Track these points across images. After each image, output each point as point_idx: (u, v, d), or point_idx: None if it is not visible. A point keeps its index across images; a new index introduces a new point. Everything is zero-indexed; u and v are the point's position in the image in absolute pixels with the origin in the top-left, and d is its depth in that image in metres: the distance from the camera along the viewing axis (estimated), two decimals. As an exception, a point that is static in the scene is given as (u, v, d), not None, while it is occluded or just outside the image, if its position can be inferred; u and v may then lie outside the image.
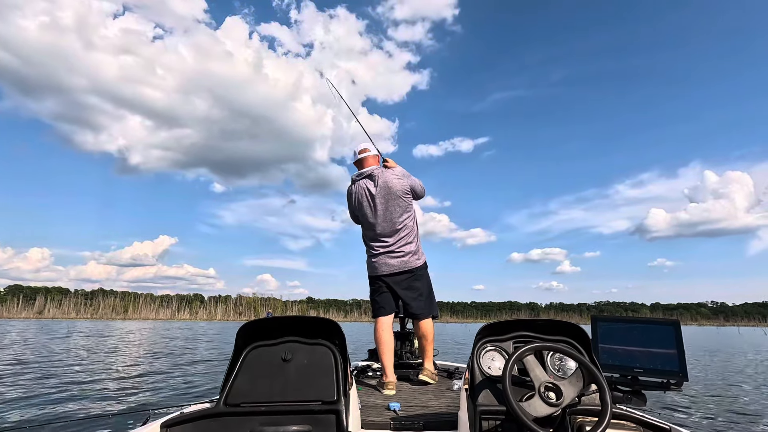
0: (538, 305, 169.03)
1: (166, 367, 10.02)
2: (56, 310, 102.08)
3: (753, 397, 6.68)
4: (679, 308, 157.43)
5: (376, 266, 3.12)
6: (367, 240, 3.23)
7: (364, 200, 3.14)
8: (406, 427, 2.02)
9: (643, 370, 1.66)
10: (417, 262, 3.13)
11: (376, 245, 3.14)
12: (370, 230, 3.16)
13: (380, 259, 3.10)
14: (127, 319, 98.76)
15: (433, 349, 3.16)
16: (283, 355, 1.58)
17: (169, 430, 1.47)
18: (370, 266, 3.18)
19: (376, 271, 3.13)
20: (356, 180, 3.23)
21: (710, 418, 5.05)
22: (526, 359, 1.48)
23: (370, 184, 3.12)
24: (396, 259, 3.07)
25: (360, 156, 3.27)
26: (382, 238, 3.10)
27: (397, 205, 3.08)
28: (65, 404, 5.64)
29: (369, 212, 3.11)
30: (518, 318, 1.72)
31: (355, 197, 3.20)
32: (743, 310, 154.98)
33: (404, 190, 3.12)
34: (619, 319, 1.74)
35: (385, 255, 3.08)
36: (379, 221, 3.09)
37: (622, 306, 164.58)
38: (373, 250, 3.15)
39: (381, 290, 3.12)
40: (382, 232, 3.10)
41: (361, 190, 3.16)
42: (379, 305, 3.10)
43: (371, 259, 3.17)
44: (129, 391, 6.81)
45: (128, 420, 4.56)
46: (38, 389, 6.64)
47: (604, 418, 1.28)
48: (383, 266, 3.08)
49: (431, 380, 2.96)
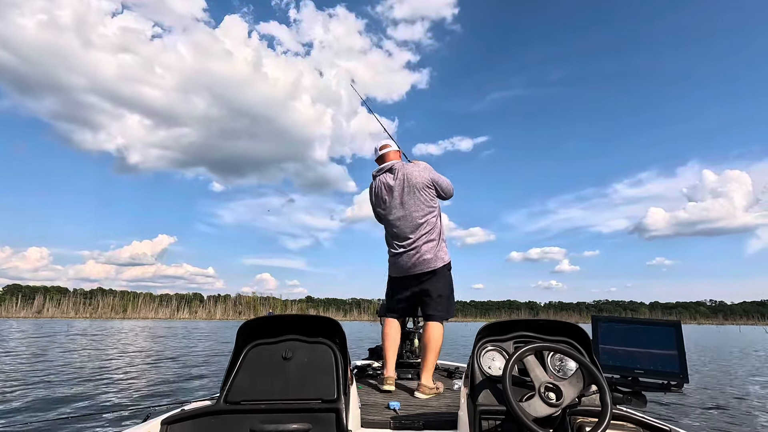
0: (537, 304, 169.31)
1: (166, 365, 10.03)
2: (55, 310, 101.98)
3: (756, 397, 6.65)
4: (678, 307, 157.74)
5: (395, 266, 2.93)
6: (388, 238, 3.01)
7: (383, 195, 2.96)
8: (406, 427, 2.02)
9: (644, 371, 1.65)
10: (439, 262, 2.86)
11: (396, 243, 2.92)
12: (391, 227, 2.95)
13: (401, 258, 2.88)
14: (126, 318, 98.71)
15: (435, 361, 2.81)
16: (283, 354, 1.58)
17: (169, 427, 1.46)
18: (392, 265, 2.98)
19: (395, 272, 2.95)
20: (376, 175, 3.06)
21: (710, 419, 5.04)
22: (527, 359, 1.48)
23: (390, 177, 2.97)
24: (417, 258, 2.84)
25: (381, 152, 3.12)
26: (403, 235, 2.89)
27: (418, 199, 2.88)
28: (66, 402, 5.65)
29: (389, 207, 2.93)
30: (519, 318, 1.72)
31: (375, 193, 3.03)
32: (742, 308, 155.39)
33: (425, 183, 2.90)
34: (620, 320, 1.73)
35: (406, 254, 2.86)
36: (399, 217, 2.89)
37: (621, 305, 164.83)
38: (393, 248, 2.94)
39: (398, 292, 2.95)
40: (403, 229, 2.89)
41: (381, 185, 2.98)
42: (391, 305, 2.96)
43: (391, 258, 2.97)
44: (129, 388, 6.82)
45: (129, 417, 4.58)
46: (38, 387, 6.64)
47: (604, 419, 1.27)
48: (403, 266, 2.88)
49: (429, 396, 2.61)
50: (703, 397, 6.45)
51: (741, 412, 5.41)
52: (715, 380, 8.25)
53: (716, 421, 4.94)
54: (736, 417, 5.15)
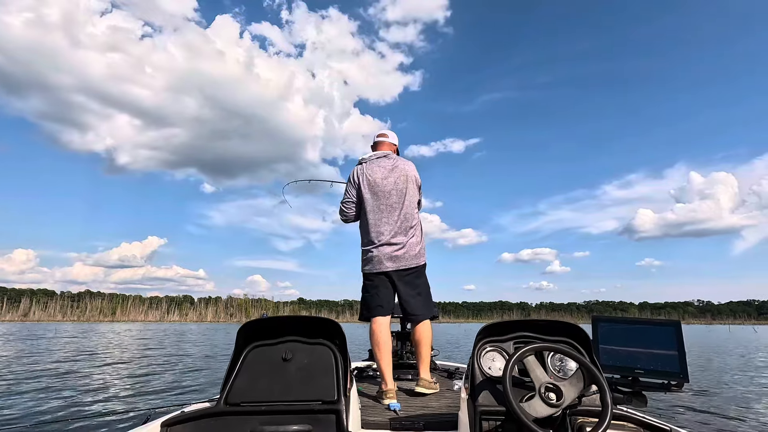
0: (529, 305, 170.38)
1: (164, 367, 10.00)
2: (42, 313, 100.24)
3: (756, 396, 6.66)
4: (666, 307, 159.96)
5: (381, 259, 2.75)
6: (372, 229, 2.79)
7: (377, 180, 2.80)
8: (406, 427, 2.02)
9: (644, 371, 1.65)
10: (423, 259, 2.85)
11: (384, 235, 2.76)
12: (378, 216, 2.78)
13: (387, 251, 2.74)
14: (115, 321, 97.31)
15: (430, 355, 2.84)
16: (283, 355, 1.58)
17: (169, 429, 1.46)
18: (372, 260, 2.78)
19: (380, 266, 2.75)
20: (367, 160, 2.90)
21: (711, 419, 5.04)
22: (527, 360, 1.48)
23: (387, 164, 2.84)
24: (406, 253, 2.76)
25: (378, 139, 3.04)
26: (393, 228, 2.76)
27: (413, 195, 2.84)
28: (65, 404, 5.62)
29: (380, 196, 2.79)
30: (518, 318, 1.72)
31: (362, 177, 2.83)
32: (729, 308, 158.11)
33: (419, 183, 2.92)
34: (620, 320, 1.73)
35: (395, 247, 2.75)
36: (391, 208, 2.78)
37: (611, 305, 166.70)
38: (378, 240, 2.76)
39: (382, 287, 2.77)
40: (393, 222, 2.77)
41: (375, 169, 2.83)
42: (377, 304, 2.74)
43: (374, 250, 2.77)
44: (129, 390, 6.81)
45: (129, 419, 4.60)
46: (37, 390, 6.61)
47: (605, 419, 1.28)
48: (391, 260, 2.74)
49: (430, 390, 2.64)
50: (703, 396, 6.44)
51: (741, 412, 5.41)
52: (715, 380, 8.24)
53: (716, 421, 4.93)
54: (737, 416, 5.15)
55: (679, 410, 5.47)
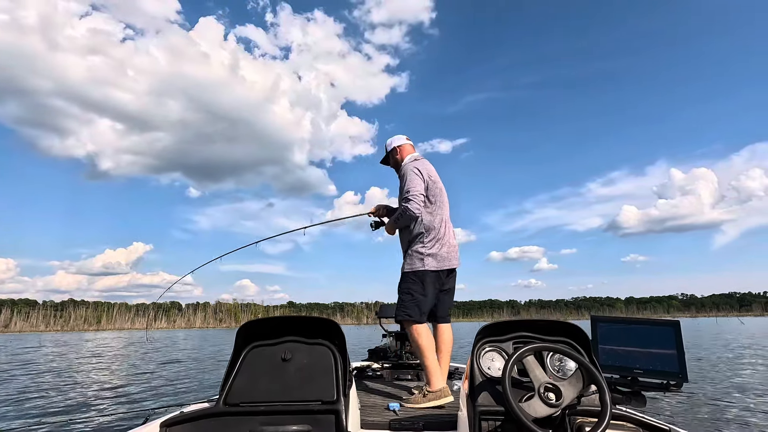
0: (518, 303, 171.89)
1: (161, 369, 10.00)
2: (23, 323, 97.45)
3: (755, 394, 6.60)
4: (651, 301, 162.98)
5: (449, 257, 2.70)
6: (440, 225, 2.74)
7: (435, 177, 2.83)
8: (406, 428, 2.02)
9: (643, 371, 1.66)
10: None
11: (450, 232, 2.78)
12: (443, 212, 2.79)
13: (449, 250, 2.71)
14: (101, 329, 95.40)
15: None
16: (282, 355, 1.58)
17: (168, 429, 1.46)
18: (439, 257, 2.67)
19: (447, 263, 2.69)
20: (419, 158, 2.91)
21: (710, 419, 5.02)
22: (526, 360, 1.48)
23: (431, 166, 2.89)
24: (453, 252, 2.76)
25: (410, 142, 3.06)
26: (448, 226, 2.78)
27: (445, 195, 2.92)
28: (65, 407, 5.61)
29: (442, 193, 2.83)
30: (518, 318, 1.73)
31: (424, 173, 2.77)
32: (711, 301, 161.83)
33: None
34: (619, 320, 1.74)
35: (452, 247, 2.75)
36: (446, 205, 2.84)
37: (599, 301, 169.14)
38: (446, 236, 2.74)
39: (433, 287, 2.66)
40: (448, 220, 2.81)
41: (429, 167, 2.86)
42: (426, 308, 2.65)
43: (444, 247, 2.70)
44: (128, 391, 6.81)
45: (128, 420, 4.62)
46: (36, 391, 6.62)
47: (604, 419, 1.28)
48: (450, 260, 2.71)
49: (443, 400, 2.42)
50: (703, 396, 6.39)
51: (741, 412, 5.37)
52: (713, 377, 8.19)
53: (716, 421, 4.91)
54: (736, 416, 5.13)
55: (678, 410, 5.46)
